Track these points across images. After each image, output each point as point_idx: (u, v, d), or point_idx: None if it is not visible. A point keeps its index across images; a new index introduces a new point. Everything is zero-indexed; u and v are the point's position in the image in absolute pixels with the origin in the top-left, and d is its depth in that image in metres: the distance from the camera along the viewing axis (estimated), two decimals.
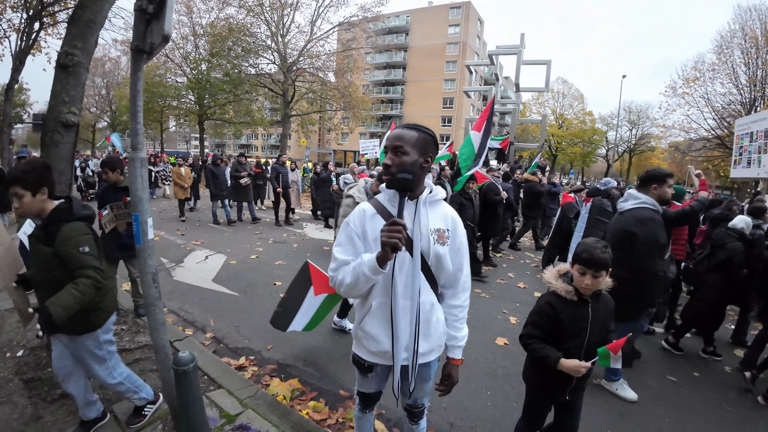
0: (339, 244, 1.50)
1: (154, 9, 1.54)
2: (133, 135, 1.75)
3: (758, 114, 9.51)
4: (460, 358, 1.64)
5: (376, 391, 1.78)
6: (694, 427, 2.81)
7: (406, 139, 1.40)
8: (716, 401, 3.16)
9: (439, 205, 1.55)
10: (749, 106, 19.19)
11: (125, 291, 4.58)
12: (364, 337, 1.57)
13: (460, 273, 1.59)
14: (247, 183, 9.36)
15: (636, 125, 43.05)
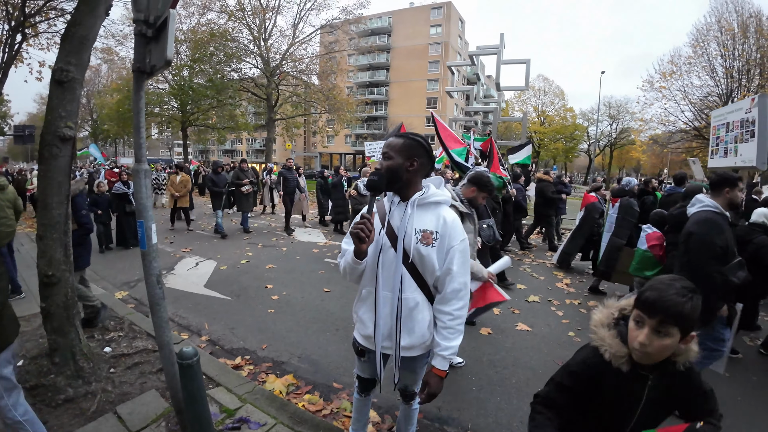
0: (347, 236, 1.68)
1: (152, 34, 1.69)
2: (136, 148, 1.89)
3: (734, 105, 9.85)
4: (445, 370, 1.57)
5: (370, 378, 1.93)
6: None
7: (392, 146, 1.57)
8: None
9: (433, 207, 1.60)
10: (726, 97, 19.66)
11: (119, 300, 4.68)
12: (357, 320, 1.77)
13: (449, 277, 1.56)
14: (248, 191, 9.11)
15: (616, 120, 44.17)
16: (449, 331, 1.58)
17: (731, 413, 2.79)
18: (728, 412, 2.83)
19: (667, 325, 1.07)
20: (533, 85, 44.17)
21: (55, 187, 2.55)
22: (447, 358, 1.58)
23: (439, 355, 1.58)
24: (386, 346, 1.65)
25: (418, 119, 47.88)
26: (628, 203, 5.49)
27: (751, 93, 17.23)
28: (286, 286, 5.34)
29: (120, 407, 2.50)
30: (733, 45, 19.79)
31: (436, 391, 1.58)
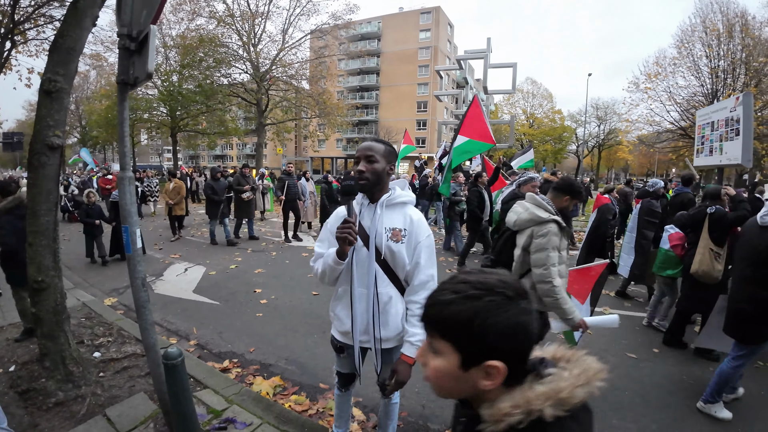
0: (319, 240, 1.81)
1: (135, 47, 1.76)
2: (121, 157, 1.96)
3: (718, 104, 10.00)
4: (412, 357, 1.63)
5: (350, 372, 2.01)
6: (655, 399, 3.05)
7: (376, 150, 1.66)
8: (678, 375, 3.41)
9: (400, 206, 1.73)
10: (711, 96, 19.93)
11: (108, 306, 4.69)
12: (334, 318, 1.85)
13: (417, 270, 1.68)
14: (249, 197, 8.76)
15: (603, 121, 44.80)
16: (417, 319, 1.65)
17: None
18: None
19: (433, 336, 0.73)
20: (521, 88, 44.70)
21: (43, 194, 2.60)
22: (415, 344, 1.64)
23: (408, 342, 1.67)
24: (364, 340, 1.75)
25: (409, 123, 48.12)
26: (649, 204, 5.49)
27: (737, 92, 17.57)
28: (274, 291, 5.38)
29: (109, 410, 2.55)
30: (718, 45, 20.04)
31: (404, 378, 1.63)
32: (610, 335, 4.23)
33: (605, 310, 4.93)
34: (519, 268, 2.60)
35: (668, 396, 3.11)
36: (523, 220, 2.56)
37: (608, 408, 2.90)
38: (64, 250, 7.67)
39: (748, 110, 8.09)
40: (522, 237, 2.57)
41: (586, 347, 3.82)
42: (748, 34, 19.44)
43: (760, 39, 19.60)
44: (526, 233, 2.54)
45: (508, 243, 2.76)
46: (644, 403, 3.00)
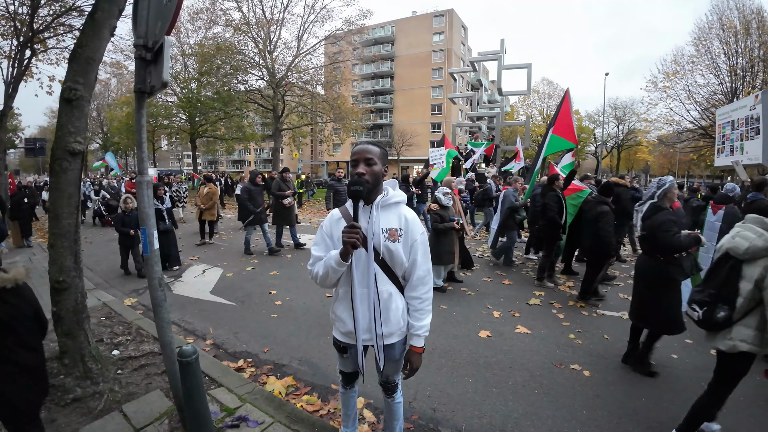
0: (315, 243, 1.83)
1: (151, 57, 1.84)
2: (139, 162, 2.05)
3: (738, 102, 9.70)
4: (421, 347, 1.82)
5: (353, 371, 2.06)
6: (670, 405, 3.00)
7: (373, 152, 1.73)
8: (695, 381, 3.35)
9: (394, 207, 1.79)
10: (731, 95, 19.44)
11: (128, 306, 4.84)
12: (336, 320, 1.88)
13: (415, 266, 1.79)
14: (290, 203, 8.30)
15: (622, 121, 43.89)
16: (420, 313, 1.82)
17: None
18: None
19: None
20: (537, 89, 44.20)
21: (65, 198, 2.72)
22: (422, 335, 1.82)
23: (415, 335, 1.82)
24: (366, 339, 1.80)
25: (424, 126, 48.13)
26: (734, 211, 5.22)
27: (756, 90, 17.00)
28: (289, 292, 5.46)
29: (125, 406, 2.64)
30: (736, 42, 19.62)
31: (417, 365, 1.84)
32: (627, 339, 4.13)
33: (623, 315, 4.82)
34: (746, 304, 2.24)
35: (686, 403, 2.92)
36: (758, 248, 2.20)
37: (623, 414, 2.86)
38: (86, 252, 7.98)
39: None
40: (754, 268, 2.20)
41: (604, 352, 3.76)
42: (765, 31, 18.99)
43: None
44: (759, 264, 2.18)
45: (733, 274, 2.32)
46: (660, 409, 2.94)
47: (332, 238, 1.79)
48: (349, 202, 1.79)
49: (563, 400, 3.02)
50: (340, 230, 1.70)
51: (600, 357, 3.76)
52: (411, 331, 1.83)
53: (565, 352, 3.85)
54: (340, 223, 1.77)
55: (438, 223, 5.50)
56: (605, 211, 5.07)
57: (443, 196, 5.60)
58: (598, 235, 5.00)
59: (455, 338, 4.08)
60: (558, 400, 3.02)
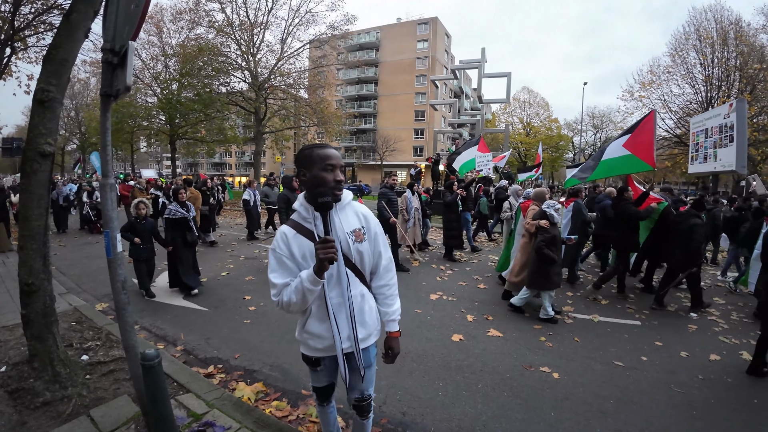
0: (272, 270, 1.63)
1: (118, 60, 1.84)
2: (102, 164, 2.04)
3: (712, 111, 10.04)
4: (397, 330, 1.82)
5: (328, 384, 1.95)
6: (639, 407, 3.03)
7: (340, 159, 1.67)
8: (664, 383, 3.42)
9: (348, 207, 1.73)
10: (706, 104, 20.16)
11: (99, 311, 4.72)
12: (309, 338, 1.73)
13: (380, 258, 1.79)
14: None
15: (600, 129, 45.27)
16: (390, 299, 1.83)
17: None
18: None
19: None
20: (518, 98, 45.22)
21: (35, 200, 2.68)
22: (396, 319, 1.83)
23: (390, 321, 1.82)
24: (347, 347, 1.71)
25: (407, 131, 48.51)
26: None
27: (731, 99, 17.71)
28: (264, 298, 5.42)
29: (93, 411, 2.60)
30: (712, 53, 20.30)
31: (398, 350, 1.85)
32: (599, 342, 4.27)
33: (594, 318, 4.98)
34: None
35: (653, 404, 3.12)
36: None
37: (591, 415, 2.93)
38: (59, 255, 7.74)
39: (741, 117, 8.12)
40: None
41: (573, 354, 3.89)
42: (742, 41, 19.62)
43: (754, 46, 19.81)
44: None
45: None
46: (628, 411, 3.01)
47: (293, 259, 1.63)
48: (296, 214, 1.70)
49: (532, 402, 3.08)
50: (302, 248, 1.62)
51: (569, 359, 3.85)
52: (385, 318, 1.82)
53: (535, 354, 3.93)
54: (299, 240, 1.63)
55: (547, 242, 4.72)
56: (698, 224, 5.26)
57: (555, 213, 4.84)
58: (689, 246, 5.23)
59: (428, 342, 4.13)
60: (527, 403, 3.08)
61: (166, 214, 5.66)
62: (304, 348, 1.81)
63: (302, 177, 1.65)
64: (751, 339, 4.41)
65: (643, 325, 4.79)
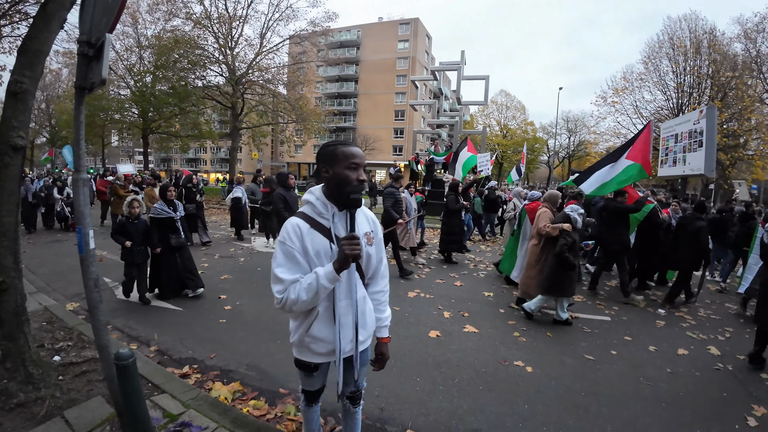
0: (280, 265, 1.54)
1: (93, 53, 1.80)
2: (75, 159, 1.99)
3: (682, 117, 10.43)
4: (388, 336, 1.86)
5: (321, 387, 1.94)
6: (609, 400, 3.17)
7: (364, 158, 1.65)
8: (633, 376, 3.59)
9: (360, 210, 1.68)
10: (677, 110, 21.01)
11: (70, 311, 4.56)
12: (311, 342, 1.66)
13: (380, 263, 1.80)
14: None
15: (574, 133, 46.62)
16: (384, 305, 1.86)
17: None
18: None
19: None
20: (496, 100, 46.06)
21: (6, 195, 2.58)
22: (388, 325, 1.86)
23: (383, 327, 1.85)
24: (347, 350, 1.69)
25: (387, 131, 48.62)
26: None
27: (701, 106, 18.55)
28: (239, 297, 5.34)
29: (67, 412, 2.54)
30: (685, 61, 21.15)
31: (388, 355, 1.87)
32: (570, 337, 4.44)
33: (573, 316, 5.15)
34: None
35: (623, 397, 3.26)
36: None
37: (563, 408, 3.05)
38: (28, 253, 7.38)
39: (711, 123, 8.49)
40: None
41: (546, 349, 4.03)
42: (715, 50, 20.41)
43: (727, 54, 20.62)
44: None
45: None
46: (599, 403, 3.13)
47: (305, 254, 1.55)
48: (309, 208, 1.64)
49: (506, 396, 3.18)
50: (316, 244, 1.56)
51: (542, 354, 4.00)
52: (379, 324, 1.84)
53: (509, 349, 4.06)
54: (314, 235, 1.57)
55: (569, 247, 4.61)
56: (703, 227, 5.67)
57: (578, 217, 4.82)
58: (699, 247, 5.62)
59: (406, 339, 4.19)
60: (501, 396, 3.18)
61: (152, 213, 5.30)
62: (302, 353, 1.73)
63: (324, 173, 1.59)
64: (719, 335, 4.72)
65: (613, 321, 5.01)
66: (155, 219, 5.23)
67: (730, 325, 5.13)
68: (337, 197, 1.58)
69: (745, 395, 3.37)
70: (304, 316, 1.66)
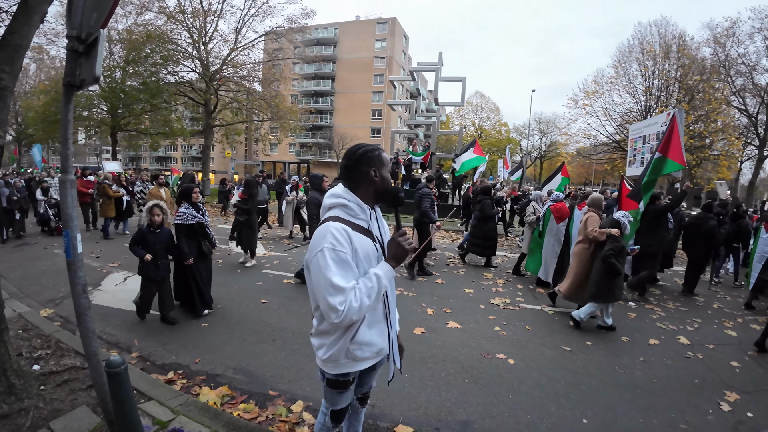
0: (335, 273, 1.42)
1: (83, 49, 1.75)
2: (63, 159, 1.92)
3: (650, 119, 10.88)
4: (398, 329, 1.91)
5: (348, 404, 1.87)
6: (588, 388, 3.35)
7: None
8: (609, 365, 3.79)
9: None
10: (645, 112, 21.87)
11: (45, 317, 4.36)
12: (357, 349, 1.59)
13: None
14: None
15: (545, 134, 48.07)
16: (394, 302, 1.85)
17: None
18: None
19: None
20: (471, 102, 46.89)
21: None
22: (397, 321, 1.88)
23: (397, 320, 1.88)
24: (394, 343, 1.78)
25: (364, 130, 48.52)
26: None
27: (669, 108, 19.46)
28: (221, 299, 5.22)
29: (53, 423, 2.46)
30: (654, 65, 22.02)
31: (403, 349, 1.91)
32: (548, 330, 4.63)
33: (543, 308, 5.33)
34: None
35: (600, 384, 3.44)
36: None
37: (545, 397, 3.20)
38: None
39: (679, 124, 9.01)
40: None
41: (526, 342, 4.18)
42: (684, 54, 21.29)
43: (696, 58, 21.53)
44: None
45: None
46: (578, 391, 3.31)
47: (356, 256, 1.50)
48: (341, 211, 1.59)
49: (491, 388, 3.31)
50: (364, 246, 1.54)
51: (522, 346, 4.16)
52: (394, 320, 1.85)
53: (491, 343, 4.20)
54: (358, 237, 1.53)
55: (616, 252, 4.54)
56: (716, 225, 6.44)
57: (628, 222, 4.75)
58: (712, 244, 6.44)
59: None
60: (486, 388, 3.31)
61: (177, 219, 4.63)
62: (344, 366, 1.64)
63: (374, 176, 1.59)
64: (687, 325, 5.03)
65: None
66: (182, 225, 4.58)
67: (698, 316, 5.47)
68: (381, 198, 1.64)
69: (716, 382, 3.61)
70: (347, 326, 1.57)
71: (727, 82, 21.54)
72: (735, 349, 4.40)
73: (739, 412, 3.11)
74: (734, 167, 23.58)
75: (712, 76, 20.64)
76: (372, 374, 1.88)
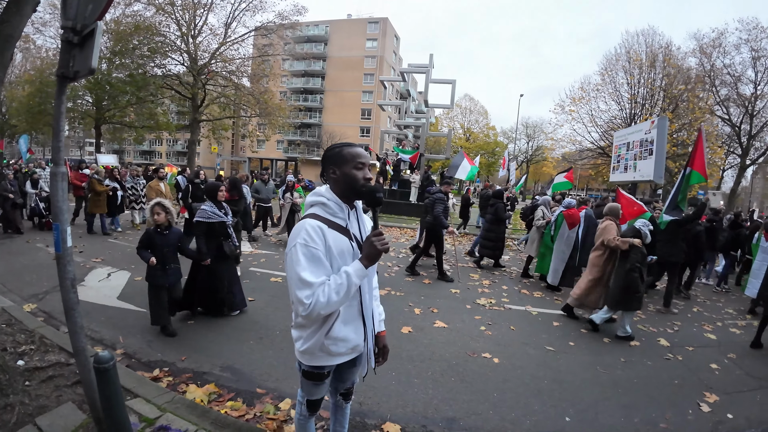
0: (304, 268, 1.45)
1: (78, 41, 1.73)
2: (54, 152, 1.89)
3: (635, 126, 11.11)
4: (384, 330, 1.92)
5: (324, 394, 1.90)
6: (570, 386, 3.45)
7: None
8: (591, 365, 3.90)
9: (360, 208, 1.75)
10: (629, 120, 22.41)
11: (28, 312, 4.26)
12: (332, 344, 1.62)
13: None
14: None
15: (532, 138, 48.79)
16: (377, 299, 1.89)
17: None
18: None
19: None
20: (460, 104, 47.26)
21: None
22: (383, 319, 1.92)
23: (381, 320, 1.91)
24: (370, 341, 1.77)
25: (353, 129, 48.43)
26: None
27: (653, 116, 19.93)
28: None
29: (39, 419, 2.42)
30: (640, 73, 22.55)
31: (388, 347, 1.93)
32: (532, 330, 4.73)
33: (527, 309, 5.44)
34: None
35: (583, 383, 3.54)
36: None
37: (529, 394, 3.28)
38: None
39: (662, 133, 9.13)
40: None
41: (510, 341, 4.26)
42: (670, 64, 21.85)
43: (681, 68, 22.12)
44: None
45: None
46: (561, 389, 3.40)
47: (329, 255, 1.53)
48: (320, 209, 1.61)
49: (477, 385, 3.38)
50: (339, 243, 1.56)
51: (507, 345, 4.26)
52: (377, 318, 1.87)
53: (477, 342, 4.28)
54: (334, 235, 1.56)
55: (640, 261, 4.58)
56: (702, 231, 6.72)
57: (649, 232, 4.75)
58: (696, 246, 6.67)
59: None
60: (472, 386, 3.38)
61: (199, 216, 4.36)
62: (318, 359, 1.68)
63: (332, 174, 1.61)
64: (667, 328, 5.18)
65: (569, 315, 5.35)
66: (203, 224, 4.34)
67: (678, 319, 5.66)
68: (349, 196, 1.62)
69: (696, 383, 3.74)
70: (323, 320, 1.60)
71: (711, 92, 22.16)
72: (715, 351, 4.55)
73: (719, 413, 3.21)
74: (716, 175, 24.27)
75: (696, 86, 21.21)
76: (353, 370, 1.87)
